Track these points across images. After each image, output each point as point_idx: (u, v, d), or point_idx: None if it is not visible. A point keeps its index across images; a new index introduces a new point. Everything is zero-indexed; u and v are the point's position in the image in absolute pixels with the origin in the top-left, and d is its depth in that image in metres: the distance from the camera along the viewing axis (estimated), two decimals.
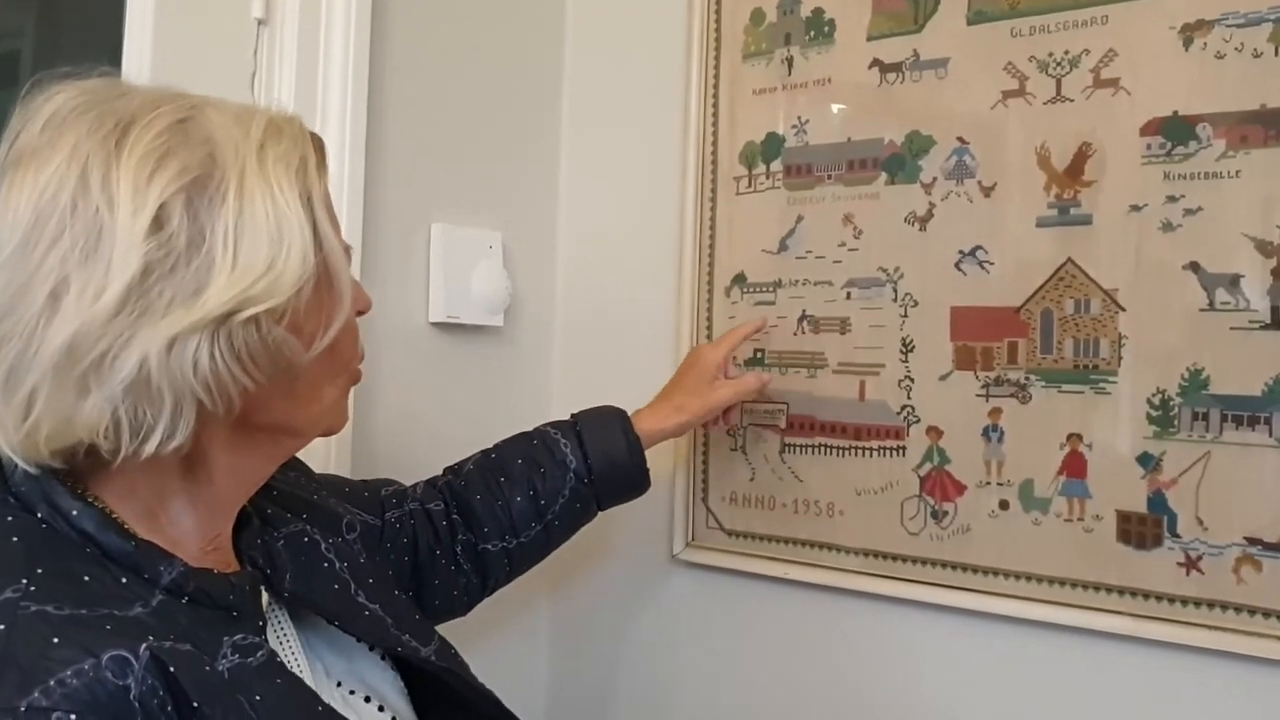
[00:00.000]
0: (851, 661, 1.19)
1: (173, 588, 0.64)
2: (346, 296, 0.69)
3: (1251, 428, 0.95)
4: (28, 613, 0.57)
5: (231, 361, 0.62)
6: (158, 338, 0.59)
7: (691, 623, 1.32)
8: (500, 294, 1.34)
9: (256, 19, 1.11)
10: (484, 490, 1.03)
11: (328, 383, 0.73)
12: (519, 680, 1.42)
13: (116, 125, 0.62)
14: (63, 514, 0.63)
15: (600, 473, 1.06)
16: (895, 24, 1.16)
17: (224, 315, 0.61)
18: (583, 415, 1.09)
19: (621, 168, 1.40)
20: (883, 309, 1.15)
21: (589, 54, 1.45)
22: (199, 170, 0.62)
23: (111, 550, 0.63)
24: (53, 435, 0.61)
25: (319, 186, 0.68)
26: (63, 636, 0.56)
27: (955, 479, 1.10)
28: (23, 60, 1.79)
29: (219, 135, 0.64)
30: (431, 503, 1.01)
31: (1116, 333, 1.01)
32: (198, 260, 0.61)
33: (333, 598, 0.79)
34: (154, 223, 0.60)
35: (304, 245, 0.64)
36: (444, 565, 1.00)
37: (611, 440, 1.06)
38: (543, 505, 1.04)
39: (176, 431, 0.62)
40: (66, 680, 0.54)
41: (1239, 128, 0.96)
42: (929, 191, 1.13)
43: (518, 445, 1.07)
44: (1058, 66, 1.05)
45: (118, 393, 0.60)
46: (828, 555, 1.19)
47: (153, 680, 0.57)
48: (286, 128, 0.68)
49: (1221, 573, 0.96)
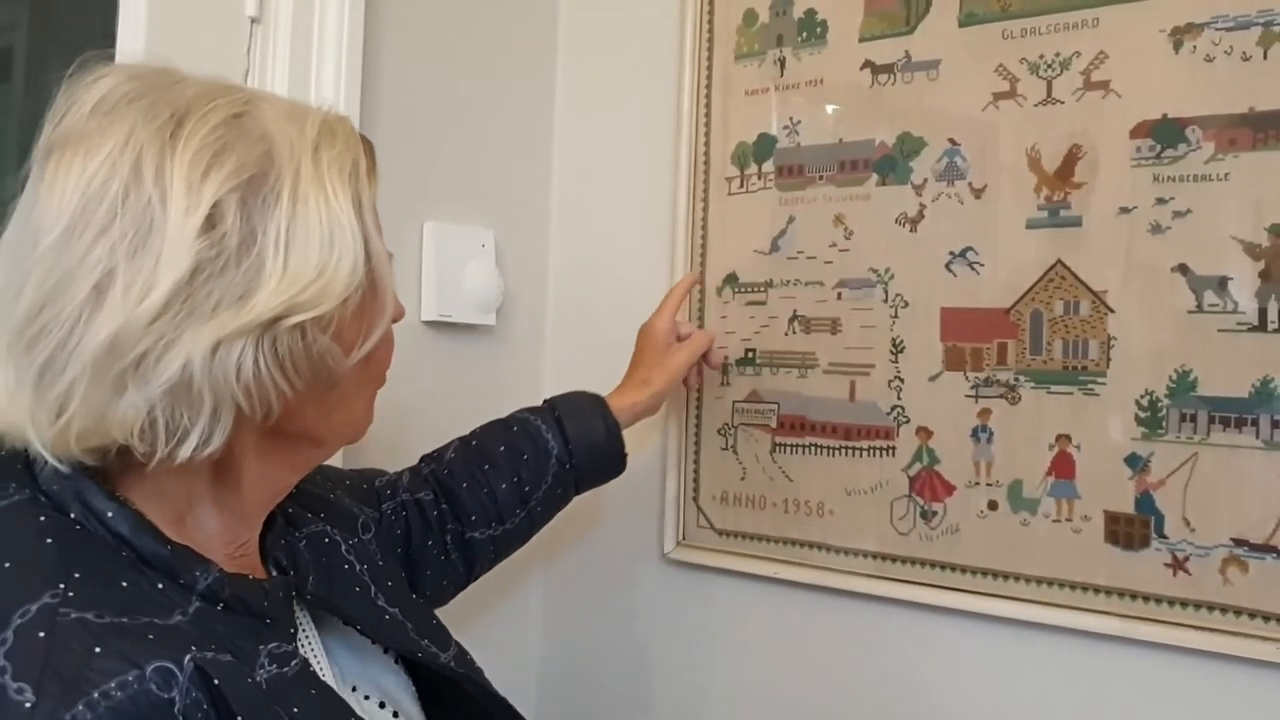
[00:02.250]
0: (841, 661, 1.19)
1: (208, 594, 0.62)
2: (388, 305, 0.68)
3: (1239, 429, 0.95)
4: (67, 620, 0.55)
5: (274, 368, 0.61)
6: (203, 340, 0.58)
7: (682, 622, 1.33)
8: (492, 293, 1.34)
9: (250, 17, 1.11)
10: (469, 479, 1.03)
11: (359, 392, 0.72)
12: (511, 677, 1.41)
13: (172, 116, 0.60)
14: (97, 515, 0.61)
15: (581, 457, 1.06)
16: (887, 25, 1.16)
17: (271, 321, 0.59)
18: (559, 401, 1.10)
19: (614, 167, 1.40)
20: (873, 309, 1.16)
21: (582, 53, 1.45)
22: (254, 169, 0.61)
23: (146, 554, 0.61)
24: (85, 433, 0.59)
25: (369, 192, 0.67)
26: (105, 646, 0.54)
27: (945, 479, 1.11)
28: (16, 56, 1.79)
29: (274, 132, 0.62)
30: (421, 493, 1.01)
31: (1105, 334, 1.02)
32: (248, 262, 0.59)
33: (355, 601, 0.77)
34: (207, 221, 0.58)
35: (355, 254, 0.63)
36: (435, 555, 1.00)
37: (591, 425, 1.07)
38: (527, 491, 1.04)
39: (213, 437, 0.60)
40: (111, 693, 0.52)
41: (1228, 131, 0.96)
42: (920, 192, 1.13)
43: (498, 433, 1.07)
44: (1048, 68, 1.06)
45: (157, 394, 0.58)
46: (818, 555, 1.19)
47: (197, 693, 0.55)
48: (339, 129, 0.67)
49: (1208, 573, 0.96)
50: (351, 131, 0.68)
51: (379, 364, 0.73)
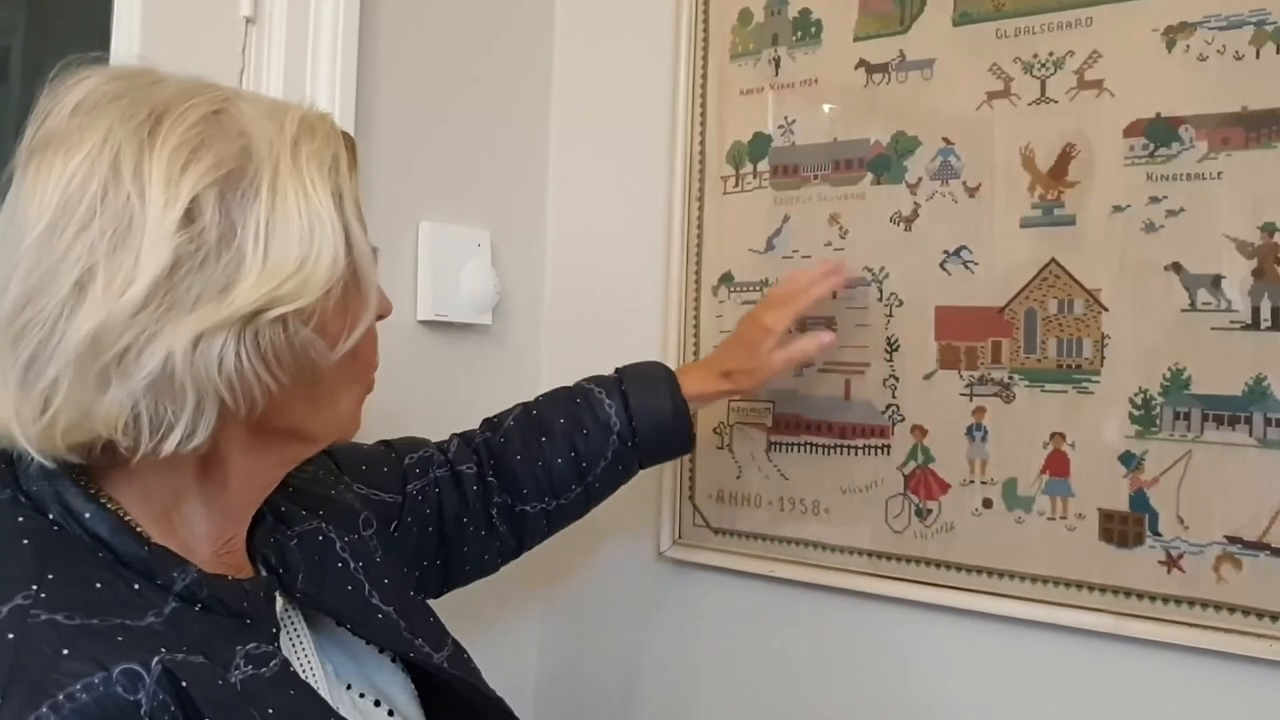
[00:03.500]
0: (836, 658, 1.19)
1: (186, 595, 0.62)
2: (372, 299, 0.69)
3: (1232, 427, 0.95)
4: (38, 621, 0.56)
5: (256, 361, 0.61)
6: (184, 334, 0.58)
7: (678, 620, 1.33)
8: (489, 292, 1.34)
9: (245, 17, 1.11)
10: (524, 450, 1.01)
11: (346, 388, 0.72)
12: (507, 677, 1.40)
13: (150, 114, 0.61)
14: (75, 516, 0.62)
15: (644, 435, 1.04)
16: (882, 25, 1.16)
17: (252, 314, 0.60)
18: (628, 372, 1.07)
19: (610, 167, 1.40)
20: (868, 308, 1.16)
21: (577, 53, 1.45)
22: (232, 164, 0.61)
23: (124, 555, 0.62)
24: (70, 429, 0.59)
25: (350, 186, 0.67)
26: (73, 648, 0.55)
27: (939, 477, 1.11)
28: (12, 57, 1.79)
29: (253, 129, 0.63)
30: (464, 464, 0.99)
31: (1099, 333, 1.02)
32: (228, 256, 0.60)
33: (345, 600, 0.77)
34: (185, 216, 0.59)
35: (335, 246, 0.64)
36: (473, 531, 0.99)
37: (658, 402, 1.04)
38: (584, 467, 1.02)
39: (197, 431, 0.61)
40: (76, 694, 0.53)
41: (1221, 130, 0.96)
42: (914, 192, 1.13)
43: (560, 403, 1.05)
44: (1042, 68, 1.06)
45: (139, 388, 0.58)
46: (813, 553, 1.20)
47: (164, 695, 0.55)
48: (319, 125, 0.67)
49: (1202, 571, 0.96)
50: (332, 127, 0.68)
51: (365, 359, 0.73)
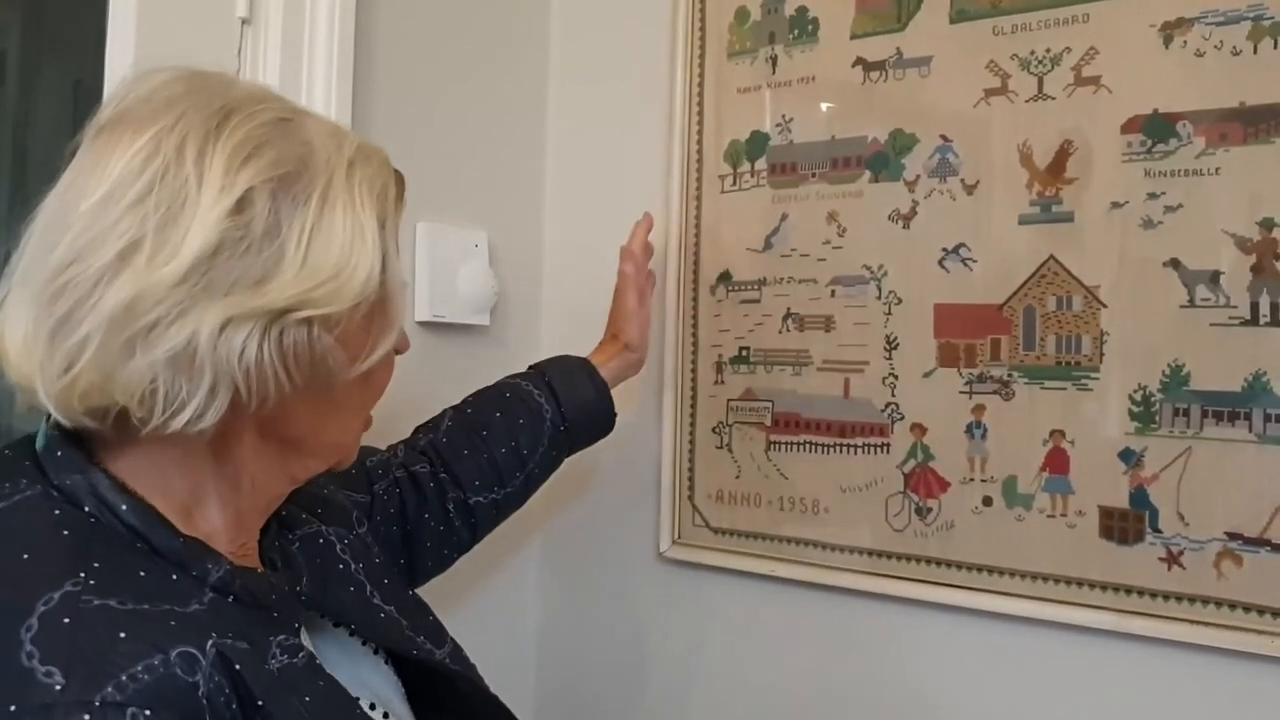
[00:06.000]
0: (836, 657, 1.19)
1: (219, 586, 0.64)
2: (397, 326, 0.71)
3: (1231, 423, 0.95)
4: (90, 606, 0.57)
5: (276, 357, 0.62)
6: (213, 316, 0.60)
7: (678, 620, 1.33)
8: (486, 293, 1.34)
9: (240, 18, 1.11)
10: (469, 446, 1.05)
11: (352, 412, 0.74)
12: (508, 675, 1.41)
13: (221, 109, 0.64)
14: (111, 508, 0.63)
15: (574, 419, 1.10)
16: (878, 22, 1.16)
17: (281, 310, 0.62)
18: (546, 366, 1.13)
19: (607, 166, 1.40)
20: (866, 306, 1.16)
21: (574, 53, 1.45)
22: (290, 167, 0.64)
23: (160, 546, 0.63)
24: (90, 390, 0.61)
25: (394, 217, 0.71)
26: (129, 631, 0.56)
27: (939, 475, 1.11)
28: (9, 59, 1.78)
29: (315, 141, 0.66)
30: (416, 465, 1.02)
31: (1098, 329, 1.02)
32: (269, 250, 0.62)
33: (349, 601, 0.78)
34: (237, 205, 0.61)
35: (371, 264, 0.66)
36: (433, 526, 1.02)
37: (581, 387, 1.11)
38: (524, 455, 1.07)
39: (207, 413, 0.62)
40: (138, 675, 0.54)
41: (1218, 125, 0.96)
42: (912, 189, 1.13)
43: (492, 400, 1.10)
44: (1039, 64, 1.06)
45: (161, 361, 0.60)
46: (813, 552, 1.20)
47: (219, 678, 0.57)
48: (375, 155, 0.71)
49: (1203, 567, 0.96)
50: (386, 161, 0.72)
51: (376, 387, 0.75)
